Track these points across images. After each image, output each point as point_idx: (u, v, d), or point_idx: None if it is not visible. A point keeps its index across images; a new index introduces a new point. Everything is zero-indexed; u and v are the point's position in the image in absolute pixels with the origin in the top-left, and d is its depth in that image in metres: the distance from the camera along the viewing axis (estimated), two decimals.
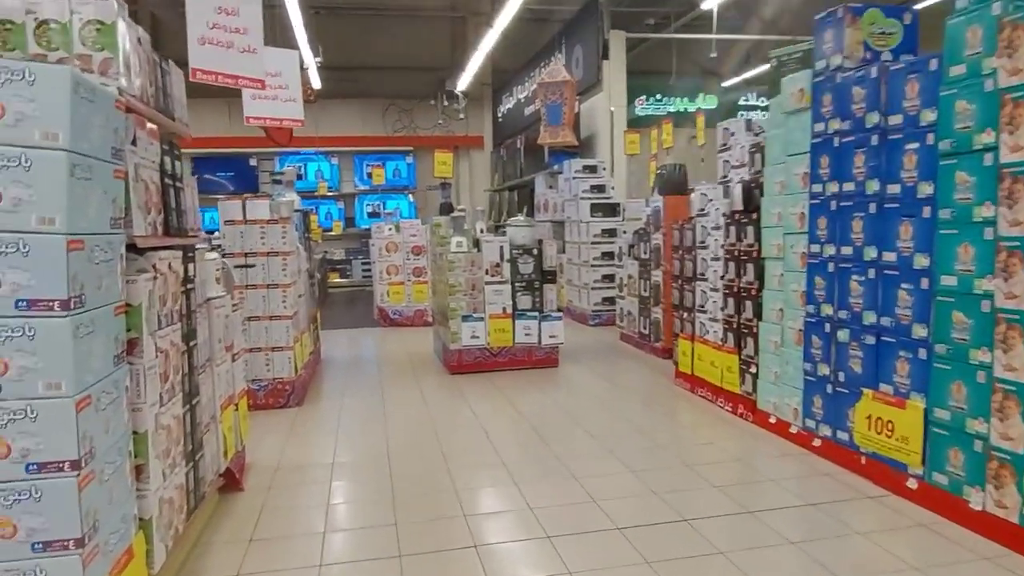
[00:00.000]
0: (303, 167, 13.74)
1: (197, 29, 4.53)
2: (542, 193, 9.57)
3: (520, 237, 5.41)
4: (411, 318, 8.09)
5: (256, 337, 4.35)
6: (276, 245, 4.35)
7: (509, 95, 13.04)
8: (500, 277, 5.34)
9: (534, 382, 5.11)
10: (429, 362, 5.94)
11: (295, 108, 5.88)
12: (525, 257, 5.38)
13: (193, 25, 4.00)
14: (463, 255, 5.29)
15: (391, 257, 8.07)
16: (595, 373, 5.39)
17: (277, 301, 4.35)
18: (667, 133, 6.19)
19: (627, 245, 6.55)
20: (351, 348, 6.83)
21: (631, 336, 6.44)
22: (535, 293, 5.41)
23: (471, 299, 5.31)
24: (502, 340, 5.37)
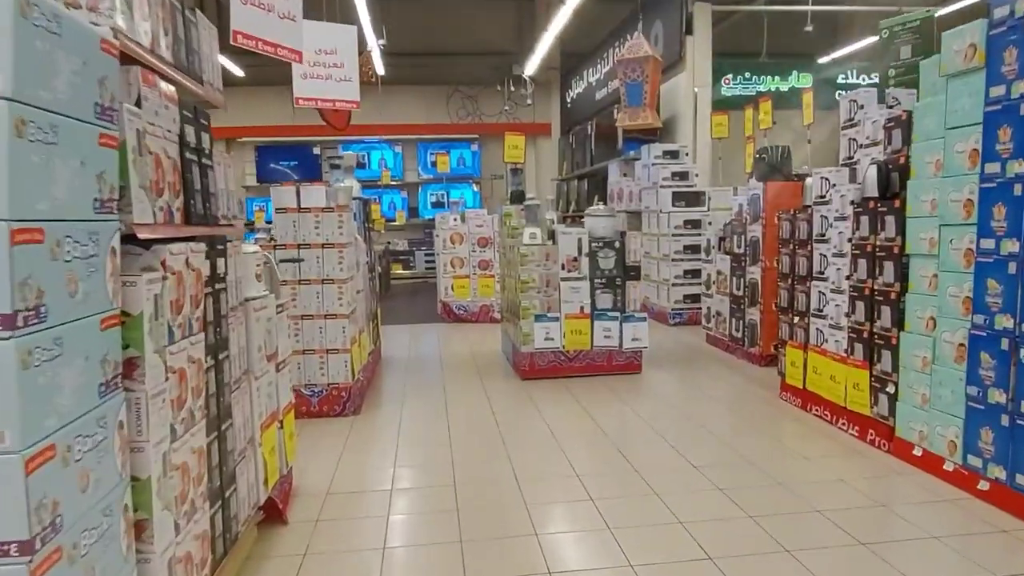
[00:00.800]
0: (366, 156, 13.50)
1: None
2: (616, 182, 8.93)
3: (600, 228, 4.84)
4: (476, 314, 7.63)
5: (310, 338, 3.94)
6: (332, 236, 3.92)
7: (579, 79, 12.40)
8: (577, 273, 4.78)
9: (614, 390, 4.54)
10: (496, 364, 5.44)
11: (350, 88, 5.48)
12: (605, 251, 4.80)
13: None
14: (536, 248, 4.76)
15: (456, 249, 7.62)
16: (683, 381, 4.77)
17: (333, 298, 3.93)
18: (765, 112, 5.48)
19: (716, 238, 5.87)
20: (413, 346, 6.41)
21: (720, 339, 5.77)
22: (616, 291, 4.82)
23: (545, 297, 4.78)
24: (579, 343, 4.82)
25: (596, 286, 4.81)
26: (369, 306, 5.10)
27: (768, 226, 4.98)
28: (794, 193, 4.85)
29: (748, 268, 5.24)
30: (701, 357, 5.58)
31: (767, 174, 5.06)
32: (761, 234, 5.04)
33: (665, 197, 7.05)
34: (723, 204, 7.06)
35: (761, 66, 8.29)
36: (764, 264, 5.02)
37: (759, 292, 5.09)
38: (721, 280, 5.71)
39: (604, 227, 4.83)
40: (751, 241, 5.18)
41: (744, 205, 5.54)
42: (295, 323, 3.92)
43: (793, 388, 4.05)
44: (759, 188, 5.06)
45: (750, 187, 5.25)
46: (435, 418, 4.04)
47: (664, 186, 7.17)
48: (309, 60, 5.49)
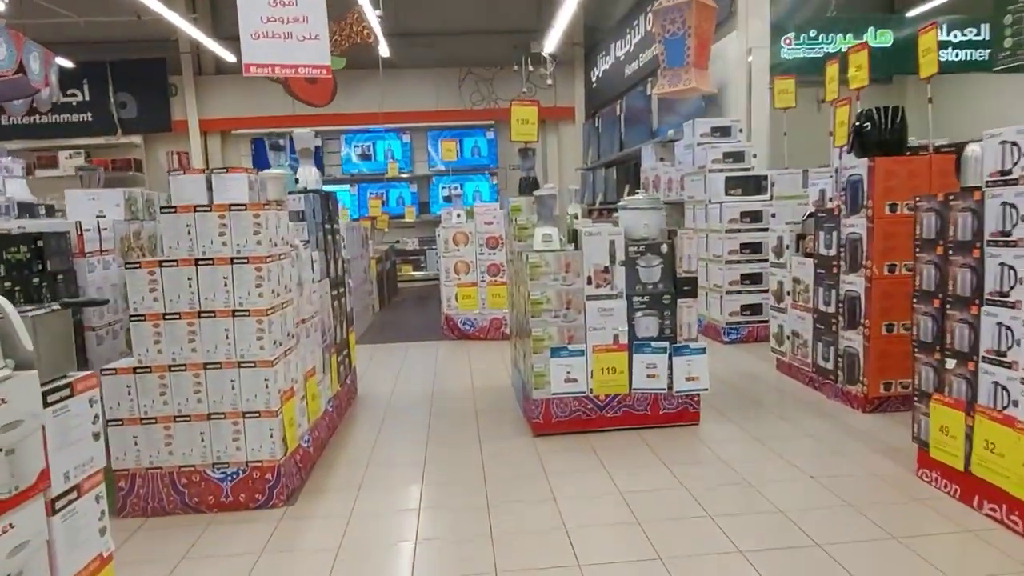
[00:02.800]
0: (371, 146, 12.28)
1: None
2: (651, 168, 7.55)
3: (640, 226, 3.49)
4: (485, 329, 6.34)
5: (217, 396, 2.68)
6: (247, 245, 2.65)
7: (605, 54, 10.99)
8: (610, 288, 3.46)
9: (660, 453, 3.22)
10: (503, 406, 4.14)
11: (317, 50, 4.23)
12: (648, 257, 3.46)
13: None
14: (552, 255, 3.44)
15: (460, 251, 6.33)
16: (760, 440, 3.41)
17: (249, 336, 2.66)
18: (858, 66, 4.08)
19: (791, 235, 4.48)
20: (402, 376, 5.13)
21: (799, 369, 4.38)
22: (664, 313, 3.48)
23: (564, 322, 3.46)
24: (612, 385, 3.50)
25: (636, 306, 3.47)
26: (332, 335, 3.83)
27: (877, 218, 3.58)
28: (918, 172, 3.45)
29: (844, 277, 3.85)
30: (776, 396, 4.20)
31: (872, 146, 3.65)
32: (866, 230, 3.64)
33: (716, 184, 5.67)
34: (791, 191, 5.66)
35: (830, 23, 6.82)
36: (870, 271, 3.63)
37: (861, 310, 3.71)
38: (800, 291, 4.32)
39: (646, 224, 3.49)
40: (849, 240, 3.79)
41: (828, 191, 4.16)
42: (194, 375, 2.66)
43: (944, 467, 2.67)
44: (860, 167, 3.67)
45: (845, 166, 3.85)
46: (401, 510, 2.76)
47: (714, 170, 5.78)
48: (262, 15, 4.27)
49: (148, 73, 11.68)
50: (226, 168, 2.87)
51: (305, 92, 5.34)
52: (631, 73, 9.52)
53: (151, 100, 11.77)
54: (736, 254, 5.62)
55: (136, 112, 11.81)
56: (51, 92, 8.65)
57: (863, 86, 4.27)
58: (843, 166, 3.89)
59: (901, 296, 3.61)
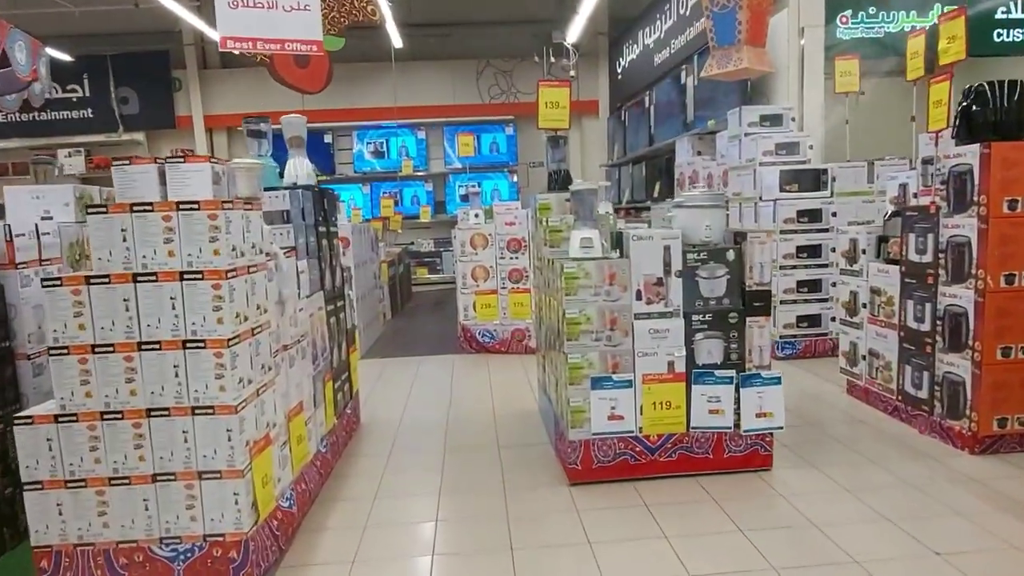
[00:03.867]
0: (384, 143, 11.69)
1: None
2: (687, 163, 6.87)
3: (701, 228, 2.83)
4: (506, 342, 5.70)
5: (164, 452, 2.07)
6: (201, 256, 2.04)
7: (632, 43, 10.31)
8: (664, 304, 2.80)
9: (727, 506, 2.57)
10: (531, 439, 3.49)
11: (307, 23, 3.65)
12: (711, 266, 2.81)
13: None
14: (592, 264, 2.79)
15: (478, 255, 5.70)
16: (849, 491, 2.73)
17: (205, 374, 2.04)
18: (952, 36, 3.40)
19: (868, 236, 3.79)
20: (413, 398, 4.51)
21: (880, 396, 3.70)
22: (730, 334, 2.82)
23: (608, 346, 2.81)
24: (667, 423, 2.85)
25: (696, 326, 2.81)
26: (327, 359, 3.21)
27: (991, 218, 2.89)
28: None
29: (944, 289, 3.16)
30: (855, 428, 3.51)
31: (982, 131, 2.96)
32: (976, 232, 2.95)
33: (769, 179, 4.98)
34: (854, 186, 4.97)
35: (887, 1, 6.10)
36: (981, 283, 2.94)
37: (969, 329, 3.02)
38: (882, 304, 3.63)
39: (708, 226, 2.82)
40: (952, 244, 3.10)
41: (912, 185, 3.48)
42: (135, 425, 2.05)
43: None
44: (969, 155, 2.98)
45: (946, 154, 3.15)
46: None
47: (766, 163, 5.10)
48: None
49: (151, 67, 11.19)
50: (183, 155, 2.26)
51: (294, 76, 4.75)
52: (662, 61, 8.83)
53: (154, 95, 11.27)
54: (791, 258, 4.93)
55: (138, 108, 11.32)
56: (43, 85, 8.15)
57: (958, 60, 3.58)
58: (942, 154, 3.20)
59: (1021, 313, 2.94)
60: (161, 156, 2.33)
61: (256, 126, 2.89)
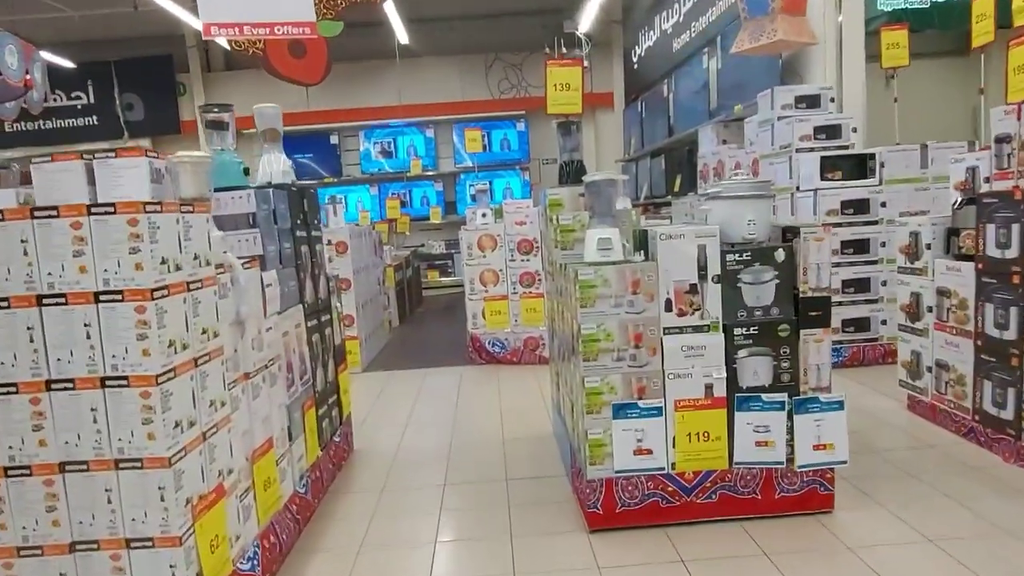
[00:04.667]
0: (392, 142, 11.31)
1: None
2: (712, 153, 6.38)
3: (744, 223, 2.36)
4: (518, 351, 5.26)
5: (84, 515, 1.66)
6: (119, 271, 1.62)
7: (648, 30, 9.82)
8: (700, 316, 2.34)
9: (785, 563, 2.11)
10: (545, 469, 3.04)
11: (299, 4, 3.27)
12: (757, 269, 2.34)
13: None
14: (613, 269, 2.33)
15: (487, 258, 5.27)
16: (932, 541, 2.25)
17: (130, 418, 1.63)
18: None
19: (934, 229, 3.29)
20: (415, 418, 4.08)
21: (951, 414, 3.20)
22: (780, 350, 2.35)
23: (632, 366, 2.35)
24: (704, 458, 2.39)
25: (738, 342, 2.35)
26: (308, 383, 2.79)
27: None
28: None
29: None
30: (924, 455, 3.01)
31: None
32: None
33: (808, 166, 4.48)
34: (906, 172, 4.46)
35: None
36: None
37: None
38: (953, 307, 3.13)
39: (752, 221, 2.35)
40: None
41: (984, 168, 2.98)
42: (46, 482, 1.64)
43: None
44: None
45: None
46: None
47: (803, 149, 4.60)
48: None
49: (154, 71, 10.90)
50: (114, 151, 1.85)
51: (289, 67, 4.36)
52: (681, 47, 8.33)
53: (158, 100, 10.99)
54: (836, 255, 4.43)
55: (143, 114, 11.05)
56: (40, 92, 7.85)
57: None
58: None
59: None
60: None
61: (216, 115, 2.47)
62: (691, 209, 6.44)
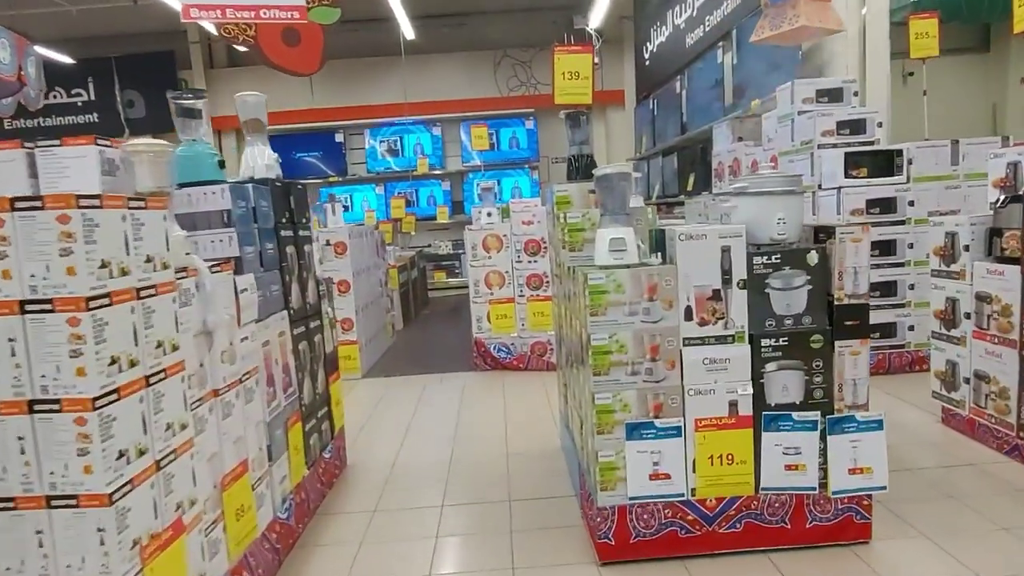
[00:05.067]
0: (398, 140, 11.09)
1: None
2: (727, 151, 6.11)
3: (772, 221, 2.11)
4: (524, 357, 5.02)
5: (12, 560, 1.43)
6: (48, 277, 1.39)
7: (660, 25, 9.55)
8: (724, 325, 2.09)
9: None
10: (551, 489, 2.80)
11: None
12: (787, 273, 2.09)
13: None
14: (627, 273, 2.09)
15: (492, 259, 5.03)
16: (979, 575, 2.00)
17: (63, 450, 1.40)
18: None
19: (973, 230, 3.02)
20: (414, 429, 3.85)
21: (992, 430, 2.93)
22: (813, 363, 2.10)
23: (647, 381, 2.11)
24: (728, 482, 2.14)
25: (766, 354, 2.10)
26: (294, 396, 2.57)
27: None
28: None
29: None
30: (965, 475, 2.74)
31: None
32: None
33: (831, 163, 4.22)
34: (936, 169, 4.18)
35: None
36: None
37: None
38: (994, 314, 2.87)
39: (782, 219, 2.10)
40: None
41: None
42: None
43: None
44: None
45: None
46: None
47: (825, 145, 4.34)
48: None
49: (156, 68, 10.73)
50: (59, 139, 1.64)
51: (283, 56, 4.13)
52: (694, 42, 8.07)
53: (160, 98, 10.67)
54: None
55: (144, 111, 10.88)
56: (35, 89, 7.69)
57: None
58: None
59: None
60: None
61: (186, 101, 2.24)
62: (705, 209, 6.18)
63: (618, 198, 2.16)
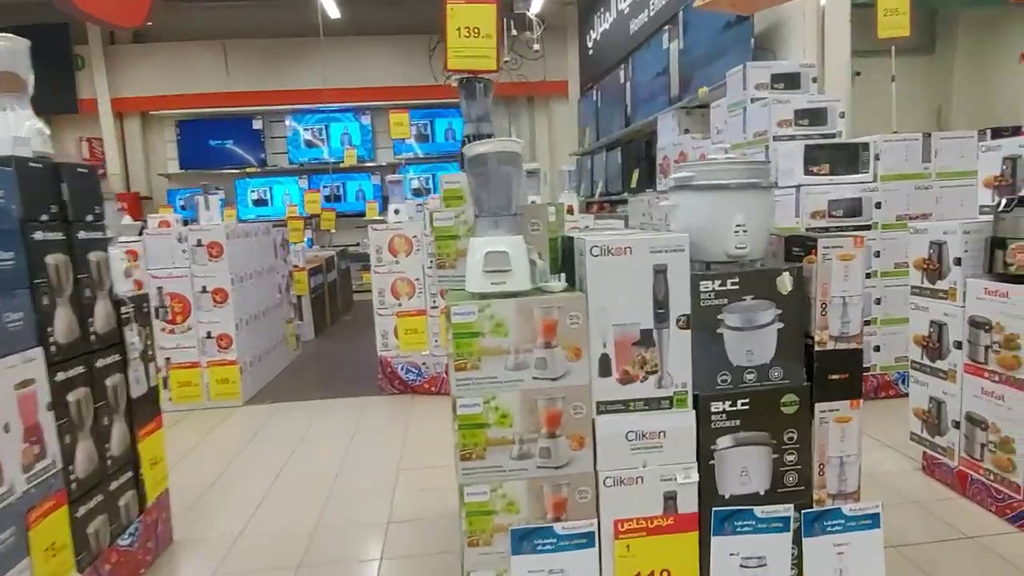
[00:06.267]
0: (323, 129, 10.19)
1: None
2: (673, 144, 5.52)
3: (729, 230, 1.44)
4: (438, 380, 4.29)
5: None
6: None
7: (603, 11, 8.94)
8: (656, 383, 1.41)
9: None
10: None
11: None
12: (748, 306, 1.42)
13: None
14: (510, 306, 1.38)
15: (400, 264, 4.29)
16: None
17: None
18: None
19: (966, 239, 2.44)
20: (282, 479, 3.07)
21: (993, 491, 2.35)
22: (783, 435, 1.44)
23: (544, 467, 1.41)
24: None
25: (718, 424, 1.43)
26: (58, 470, 1.78)
27: None
28: None
29: None
30: (966, 554, 2.15)
31: None
32: None
33: (790, 157, 3.62)
34: (906, 167, 3.64)
35: None
36: None
37: None
38: (997, 345, 2.28)
39: (742, 225, 1.43)
40: None
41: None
42: None
43: None
44: None
45: None
46: None
47: (782, 137, 3.76)
48: None
49: (48, 42, 9.52)
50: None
51: (98, 7, 3.28)
52: (639, 28, 7.47)
53: (52, 75, 9.62)
54: None
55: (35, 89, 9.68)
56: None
57: None
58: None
59: None
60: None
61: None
62: (649, 208, 5.58)
63: (502, 192, 1.45)
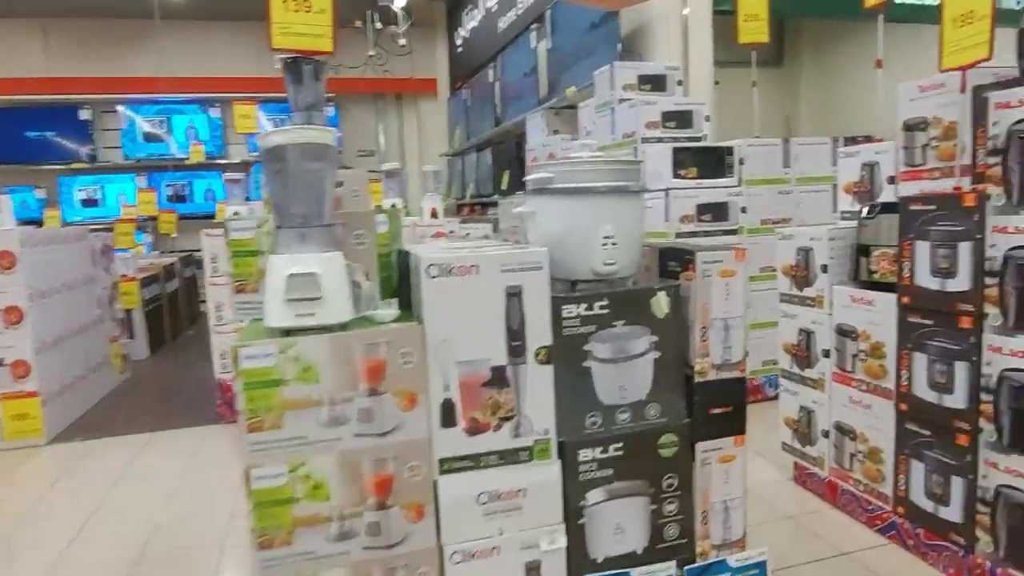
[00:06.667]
0: (165, 121, 9.20)
1: None
2: (542, 145, 5.36)
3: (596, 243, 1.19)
4: None
5: None
6: None
7: (471, 8, 8.73)
8: (513, 431, 1.14)
9: None
10: None
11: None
12: (619, 334, 1.18)
13: None
14: (323, 344, 1.05)
15: None
16: None
17: None
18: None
19: (832, 247, 2.39)
20: (77, 545, 2.52)
21: (863, 501, 2.31)
22: (663, 484, 1.22)
23: (372, 548, 1.09)
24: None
25: (587, 475, 1.18)
26: None
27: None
28: None
29: (999, 338, 1.78)
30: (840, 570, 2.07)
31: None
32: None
33: (659, 160, 3.52)
34: (768, 171, 3.66)
35: None
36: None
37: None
38: (863, 354, 2.24)
39: (611, 237, 1.19)
40: (1017, 262, 1.72)
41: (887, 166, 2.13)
42: None
43: None
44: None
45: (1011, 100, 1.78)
46: None
47: (650, 139, 3.67)
48: None
49: None
50: None
51: None
52: (507, 26, 7.31)
53: None
54: None
55: None
56: None
57: None
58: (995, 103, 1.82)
59: None
60: None
61: None
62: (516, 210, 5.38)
63: (308, 196, 1.11)
